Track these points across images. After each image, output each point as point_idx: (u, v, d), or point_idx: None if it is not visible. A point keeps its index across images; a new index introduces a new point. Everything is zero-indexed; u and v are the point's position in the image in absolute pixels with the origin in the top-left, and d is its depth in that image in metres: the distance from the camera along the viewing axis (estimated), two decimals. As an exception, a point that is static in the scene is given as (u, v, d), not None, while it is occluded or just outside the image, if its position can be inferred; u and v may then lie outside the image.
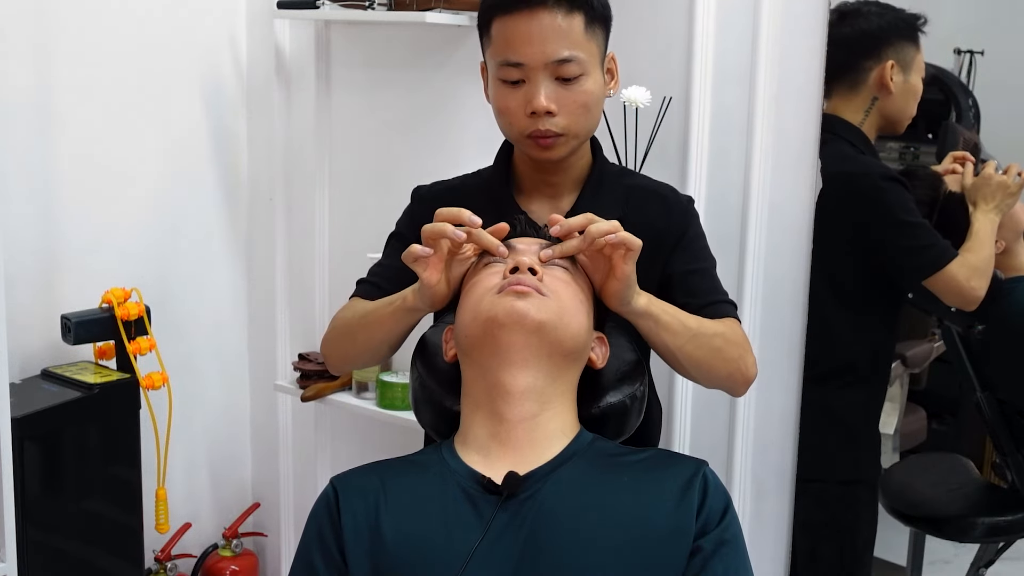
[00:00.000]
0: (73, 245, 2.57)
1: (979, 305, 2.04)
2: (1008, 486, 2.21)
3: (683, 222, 1.64)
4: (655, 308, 1.44)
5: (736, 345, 1.54)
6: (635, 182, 1.69)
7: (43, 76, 2.48)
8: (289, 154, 2.74)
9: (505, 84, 1.54)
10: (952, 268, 2.01)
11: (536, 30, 1.50)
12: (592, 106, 1.56)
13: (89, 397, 2.38)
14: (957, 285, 2.02)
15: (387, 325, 1.51)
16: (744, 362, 1.54)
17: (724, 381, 1.56)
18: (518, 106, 1.53)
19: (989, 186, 2.06)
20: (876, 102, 2.11)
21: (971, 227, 2.05)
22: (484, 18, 1.57)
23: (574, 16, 1.51)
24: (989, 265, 2.04)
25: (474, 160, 1.80)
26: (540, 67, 1.50)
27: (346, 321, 1.60)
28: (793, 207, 2.10)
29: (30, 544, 2.24)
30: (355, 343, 1.58)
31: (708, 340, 1.49)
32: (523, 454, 1.31)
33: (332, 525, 1.30)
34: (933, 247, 2.03)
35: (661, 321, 1.44)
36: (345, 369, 1.71)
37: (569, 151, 1.58)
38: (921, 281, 2.05)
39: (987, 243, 2.04)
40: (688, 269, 1.60)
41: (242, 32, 2.86)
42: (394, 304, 1.48)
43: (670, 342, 1.46)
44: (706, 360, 1.50)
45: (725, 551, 1.26)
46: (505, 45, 1.52)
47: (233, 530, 2.89)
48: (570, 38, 1.51)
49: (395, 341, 1.55)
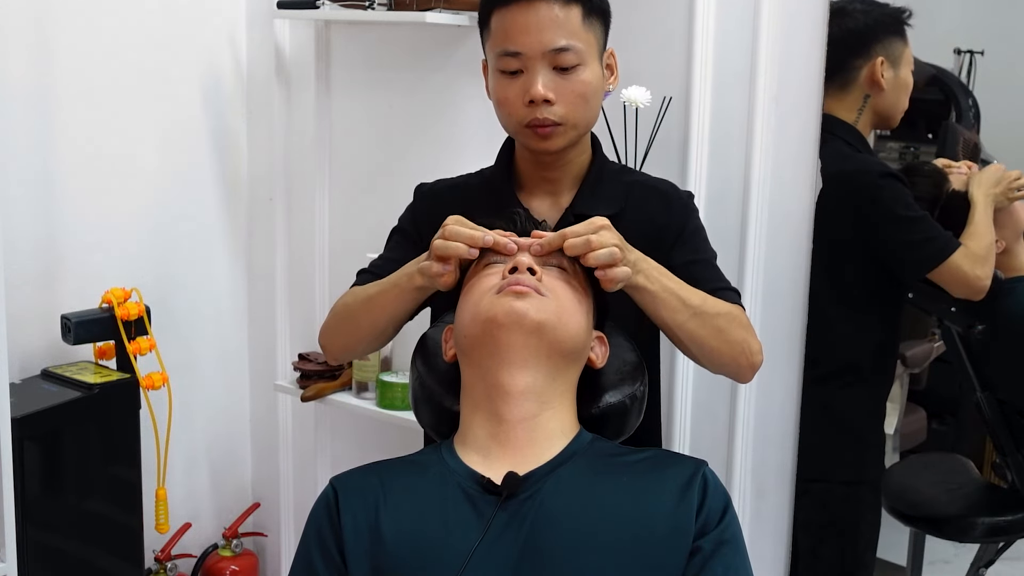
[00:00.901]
0: (73, 245, 2.57)
1: (979, 304, 2.04)
2: (1008, 486, 2.21)
3: (683, 216, 1.65)
4: (654, 285, 1.43)
5: (741, 328, 1.53)
6: (634, 178, 1.71)
7: (43, 76, 2.48)
8: (289, 154, 2.74)
9: (504, 75, 1.56)
10: (956, 258, 2.00)
11: (534, 20, 1.52)
12: (590, 96, 1.56)
13: (89, 397, 2.38)
14: (963, 275, 2.01)
15: (393, 306, 1.51)
16: (748, 346, 1.54)
17: (729, 364, 1.55)
18: (516, 96, 1.55)
19: (987, 174, 2.07)
20: (869, 99, 2.11)
21: (969, 216, 2.05)
22: (484, 12, 1.59)
23: (572, 7, 1.53)
24: (991, 253, 2.03)
25: (474, 160, 1.80)
26: (538, 56, 1.52)
27: (347, 305, 1.60)
28: (793, 207, 2.10)
29: (30, 544, 2.24)
30: (358, 326, 1.58)
31: (711, 319, 1.49)
32: (523, 454, 1.31)
33: (332, 525, 1.30)
34: (935, 239, 2.03)
35: (659, 298, 1.44)
36: (345, 357, 1.70)
37: (567, 142, 1.58)
38: (925, 274, 2.04)
39: (987, 231, 2.04)
40: (689, 260, 1.60)
41: (242, 32, 2.86)
42: (399, 285, 1.49)
43: (669, 319, 1.46)
44: (708, 340, 1.49)
45: (725, 551, 1.26)
46: (504, 35, 1.54)
47: (233, 530, 2.89)
48: (567, 28, 1.52)
49: (400, 321, 1.56)
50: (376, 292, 1.54)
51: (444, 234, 1.39)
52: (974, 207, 2.05)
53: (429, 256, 1.41)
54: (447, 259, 1.39)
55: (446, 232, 1.39)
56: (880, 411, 2.21)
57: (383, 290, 1.52)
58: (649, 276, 1.43)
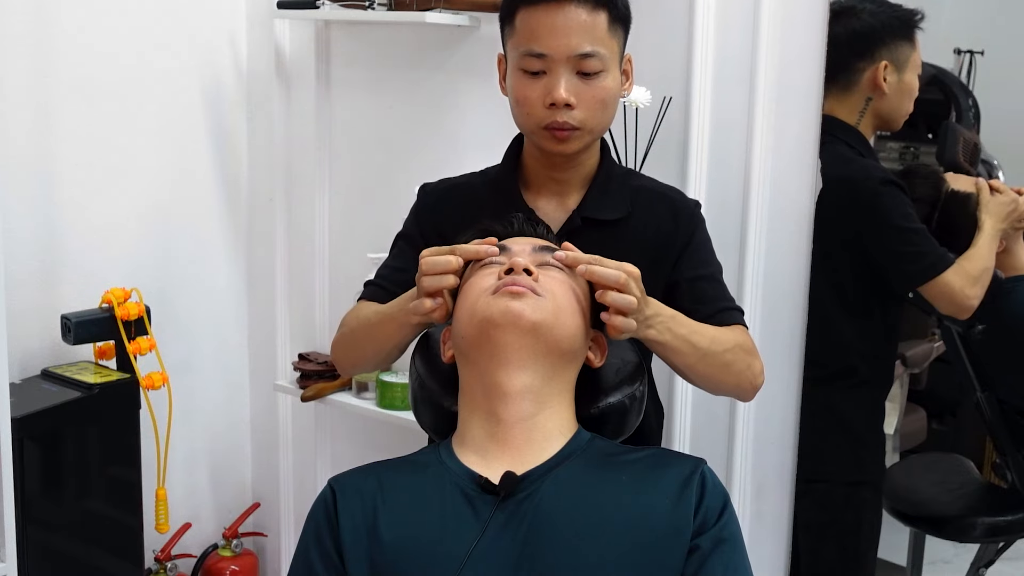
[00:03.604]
0: (73, 245, 2.57)
1: (978, 305, 2.04)
2: (1008, 486, 2.21)
3: (690, 226, 1.65)
4: (664, 336, 1.43)
5: (746, 354, 1.55)
6: (642, 183, 1.70)
7: (43, 76, 2.48)
8: (289, 154, 2.74)
9: (526, 74, 1.55)
10: (947, 276, 1.99)
11: (562, 23, 1.51)
12: (609, 103, 1.57)
13: (89, 397, 2.38)
14: (951, 293, 2.00)
15: (395, 337, 1.53)
16: (752, 371, 1.56)
17: (732, 390, 1.58)
18: (537, 97, 1.54)
19: (1005, 206, 2.06)
20: (871, 102, 2.10)
21: (976, 237, 2.04)
22: (509, 8, 1.58)
23: (599, 13, 1.53)
24: (986, 276, 2.02)
25: (474, 160, 1.80)
26: (563, 59, 1.52)
27: (352, 330, 1.61)
28: (793, 207, 2.09)
29: (30, 544, 2.24)
30: (364, 351, 1.61)
31: (719, 357, 1.50)
32: (521, 454, 1.31)
33: (330, 526, 1.30)
34: (929, 254, 2.02)
35: (670, 347, 1.45)
36: (356, 373, 1.72)
37: (582, 146, 1.58)
38: (915, 288, 2.04)
39: (988, 255, 2.03)
40: (696, 275, 1.60)
41: (242, 32, 2.86)
42: (396, 319, 1.49)
43: (679, 363, 1.48)
44: (715, 376, 1.52)
45: (723, 549, 1.26)
46: (530, 35, 1.54)
47: (233, 530, 2.89)
48: (594, 34, 1.52)
49: (404, 347, 1.57)
50: (377, 321, 1.55)
51: (422, 269, 1.39)
52: (980, 232, 2.04)
53: (418, 294, 1.41)
54: (435, 294, 1.39)
55: (423, 266, 1.39)
56: (880, 411, 2.21)
57: (383, 320, 1.53)
58: (661, 329, 1.43)
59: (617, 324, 1.35)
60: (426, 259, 1.39)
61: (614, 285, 1.34)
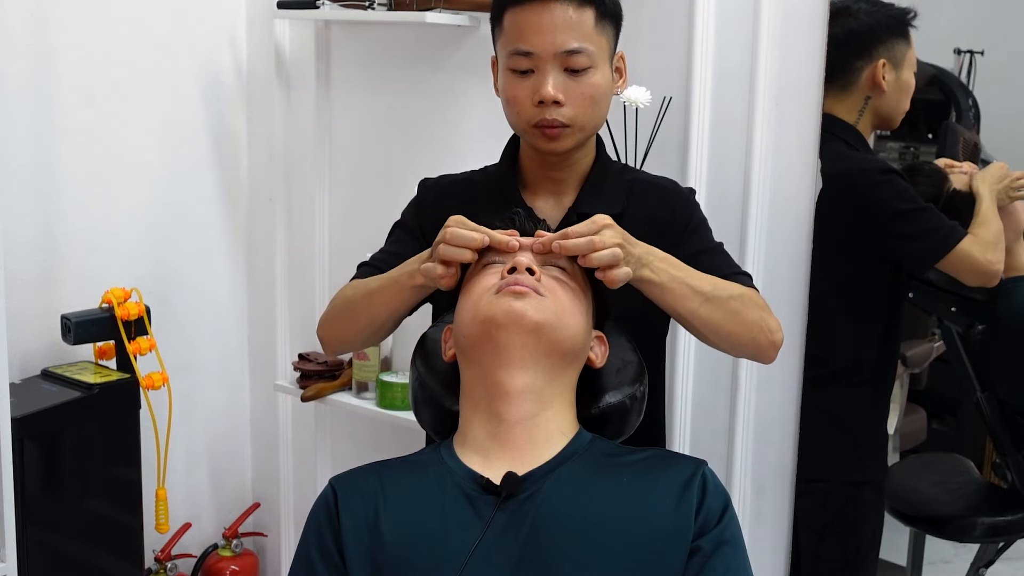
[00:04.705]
0: (73, 245, 2.57)
1: (979, 304, 2.04)
2: (1008, 486, 2.21)
3: (686, 212, 1.66)
4: (660, 276, 1.42)
5: (756, 307, 1.53)
6: (635, 176, 1.72)
7: (43, 76, 2.48)
8: (289, 154, 2.74)
9: (514, 74, 1.56)
10: (965, 245, 1.97)
11: (548, 21, 1.52)
12: (599, 99, 1.57)
13: (89, 397, 2.38)
14: (973, 261, 1.98)
15: (392, 301, 1.52)
16: (766, 324, 1.53)
17: (748, 345, 1.54)
18: (526, 95, 1.55)
19: (991, 171, 2.07)
20: (869, 101, 2.11)
21: (976, 208, 2.04)
22: (497, 10, 1.59)
23: (585, 10, 1.53)
24: (1000, 239, 2.00)
25: (473, 160, 1.81)
26: (550, 57, 1.53)
27: (347, 299, 1.60)
28: (793, 207, 2.09)
29: (30, 544, 2.24)
30: (357, 320, 1.58)
31: (724, 303, 1.48)
32: (522, 454, 1.31)
33: (331, 526, 1.30)
34: (939, 229, 2.01)
35: (668, 288, 1.43)
36: (342, 350, 1.70)
37: (574, 143, 1.59)
38: (933, 264, 2.02)
39: (994, 219, 2.02)
40: (697, 250, 1.60)
41: (242, 32, 2.86)
42: (399, 282, 1.49)
43: (680, 308, 1.45)
44: (724, 324, 1.49)
45: (724, 551, 1.26)
46: (517, 34, 1.54)
47: (233, 530, 2.89)
48: (580, 31, 1.53)
49: (399, 317, 1.56)
50: (376, 287, 1.54)
51: (445, 236, 1.38)
52: (979, 200, 2.04)
53: (432, 257, 1.41)
54: (450, 263, 1.39)
55: (447, 234, 1.38)
56: (881, 411, 2.21)
57: (383, 285, 1.52)
58: (655, 268, 1.42)
59: (612, 277, 1.35)
60: (452, 229, 1.38)
61: (589, 249, 1.34)
